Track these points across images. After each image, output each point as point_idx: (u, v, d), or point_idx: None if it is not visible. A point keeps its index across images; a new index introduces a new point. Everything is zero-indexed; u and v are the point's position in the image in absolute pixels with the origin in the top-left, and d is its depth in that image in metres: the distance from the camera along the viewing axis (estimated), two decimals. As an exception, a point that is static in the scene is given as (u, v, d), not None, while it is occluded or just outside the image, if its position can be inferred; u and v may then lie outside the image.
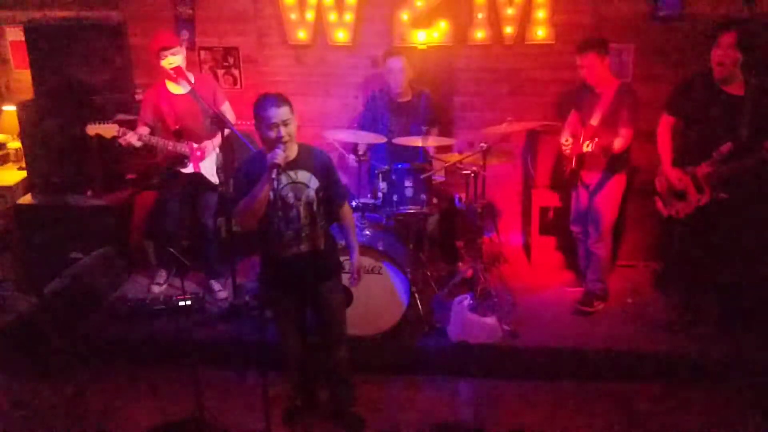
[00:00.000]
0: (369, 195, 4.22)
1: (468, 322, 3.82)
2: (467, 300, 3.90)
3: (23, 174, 4.97)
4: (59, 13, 4.99)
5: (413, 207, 4.06)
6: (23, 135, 4.84)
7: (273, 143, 2.87)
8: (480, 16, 4.72)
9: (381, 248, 3.79)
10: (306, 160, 3.00)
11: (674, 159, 3.82)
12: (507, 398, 3.65)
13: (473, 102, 5.02)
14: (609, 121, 3.90)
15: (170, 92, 4.21)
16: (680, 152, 3.82)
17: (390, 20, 4.80)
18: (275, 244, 3.02)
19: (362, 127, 4.51)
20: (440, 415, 3.49)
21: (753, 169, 3.52)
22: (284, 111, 2.86)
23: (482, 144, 3.97)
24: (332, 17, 4.82)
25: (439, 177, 4.34)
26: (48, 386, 3.79)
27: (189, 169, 4.26)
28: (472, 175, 4.15)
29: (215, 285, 4.49)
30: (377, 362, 3.81)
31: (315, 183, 2.99)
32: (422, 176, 4.05)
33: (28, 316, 4.09)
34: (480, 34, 4.76)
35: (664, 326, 3.97)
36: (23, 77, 5.07)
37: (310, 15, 4.84)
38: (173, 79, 4.18)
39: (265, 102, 2.87)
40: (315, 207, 3.00)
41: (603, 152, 3.82)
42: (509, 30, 4.73)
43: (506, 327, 3.90)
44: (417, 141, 4.14)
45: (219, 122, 3.96)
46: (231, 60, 5.08)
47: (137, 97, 4.77)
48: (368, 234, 3.97)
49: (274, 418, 3.14)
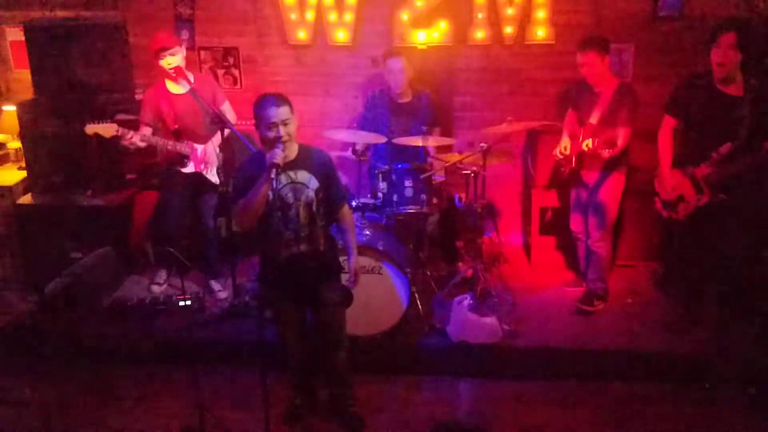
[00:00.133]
0: (369, 195, 4.22)
1: (468, 322, 3.82)
2: (467, 300, 3.90)
3: (23, 174, 4.96)
4: (59, 13, 4.99)
5: (413, 207, 4.05)
6: (23, 135, 4.83)
7: (272, 143, 2.87)
8: (480, 16, 4.73)
9: (381, 248, 3.79)
10: (306, 161, 3.00)
11: (674, 159, 3.82)
12: (507, 398, 3.65)
13: (473, 102, 5.03)
14: (608, 120, 3.90)
15: (170, 92, 4.21)
16: (680, 153, 3.81)
17: (390, 20, 4.80)
18: (275, 245, 3.02)
19: (362, 128, 4.50)
20: (440, 415, 3.49)
21: (752, 170, 3.52)
22: (284, 111, 2.86)
23: (482, 144, 3.97)
24: (332, 17, 4.83)
25: (439, 177, 4.33)
26: (48, 386, 3.79)
27: (189, 169, 4.27)
28: (472, 175, 4.15)
29: (215, 285, 4.49)
30: (377, 362, 3.81)
31: (314, 183, 2.99)
32: (422, 176, 4.04)
33: (28, 316, 4.09)
34: (480, 34, 4.76)
35: (664, 326, 3.97)
36: (23, 77, 5.06)
37: (310, 15, 4.84)
38: (173, 79, 4.18)
39: (265, 101, 2.87)
40: (314, 207, 3.00)
41: (607, 146, 3.79)
42: (509, 30, 4.73)
43: (506, 327, 3.90)
44: (417, 141, 4.14)
45: (219, 122, 3.96)
46: (231, 60, 5.09)
47: (137, 97, 4.76)
48: (368, 234, 3.96)
49: (274, 418, 3.13)
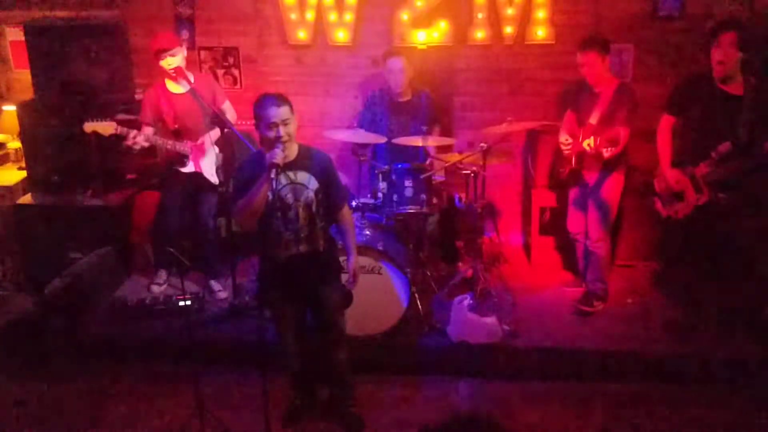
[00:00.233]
0: (369, 195, 4.22)
1: (468, 322, 3.82)
2: (467, 300, 3.90)
3: (23, 174, 4.96)
4: (59, 13, 4.99)
5: (413, 207, 4.05)
6: (23, 135, 4.83)
7: (272, 143, 2.87)
8: (480, 16, 4.72)
9: (381, 248, 3.78)
10: (305, 161, 3.00)
11: (673, 159, 3.82)
12: (507, 398, 3.65)
13: (473, 102, 5.02)
14: (607, 120, 3.90)
15: (170, 91, 4.21)
16: (679, 152, 3.82)
17: (390, 20, 4.80)
18: (274, 245, 3.02)
19: (362, 127, 4.50)
20: (440, 415, 3.48)
21: (752, 170, 3.52)
22: (284, 110, 2.86)
23: (482, 144, 3.97)
24: (332, 17, 4.82)
25: (439, 177, 4.33)
26: (48, 386, 3.79)
27: (188, 169, 4.27)
28: (472, 175, 4.14)
29: (215, 285, 4.49)
30: (377, 362, 3.81)
31: (314, 184, 2.99)
32: (422, 176, 4.04)
33: (28, 316, 4.09)
34: (480, 34, 4.76)
35: (664, 326, 3.97)
36: (23, 77, 5.06)
37: (310, 15, 4.84)
38: (173, 79, 4.18)
39: (265, 101, 2.88)
40: (314, 208, 3.00)
41: (610, 144, 3.78)
42: (509, 30, 4.73)
43: (506, 327, 3.90)
44: (417, 141, 4.14)
45: (219, 122, 3.96)
46: (231, 60, 5.08)
47: (137, 97, 4.76)
48: (368, 234, 3.96)
49: (274, 418, 3.13)
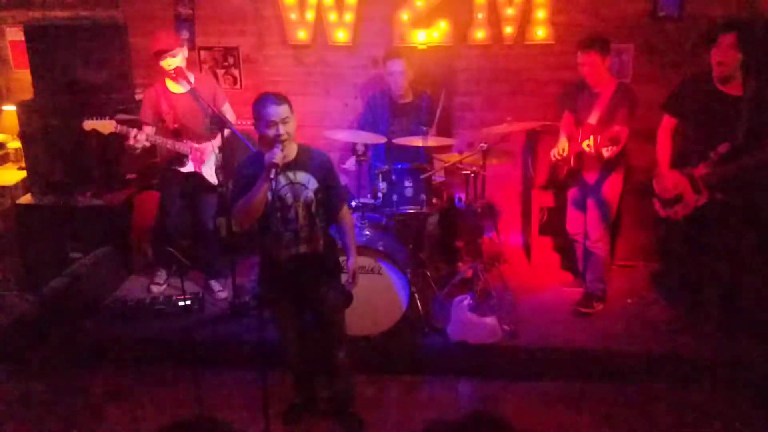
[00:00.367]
0: (369, 195, 4.21)
1: (468, 322, 3.82)
2: (467, 300, 3.90)
3: (23, 174, 4.97)
4: (59, 13, 5.00)
5: (413, 207, 4.05)
6: (23, 135, 4.84)
7: (271, 142, 2.86)
8: (480, 16, 4.72)
9: (381, 248, 3.78)
10: (305, 161, 2.99)
11: (672, 159, 3.82)
12: (507, 398, 3.65)
13: (473, 102, 5.03)
14: (607, 121, 3.89)
15: (170, 91, 4.21)
16: (678, 153, 3.81)
17: (390, 20, 4.80)
18: (274, 245, 3.01)
19: (362, 128, 4.50)
20: (440, 415, 3.48)
21: (750, 170, 3.52)
22: (283, 109, 2.86)
23: (482, 144, 3.97)
24: (332, 17, 4.83)
25: (439, 177, 4.33)
26: (48, 386, 3.79)
27: (187, 169, 4.26)
28: (472, 175, 4.14)
29: (215, 285, 4.49)
30: (377, 362, 3.81)
31: (313, 184, 2.98)
32: (422, 176, 4.04)
33: (28, 316, 4.09)
34: (480, 34, 4.76)
35: (664, 326, 3.97)
36: (23, 77, 5.07)
37: (310, 15, 4.84)
38: (173, 79, 4.17)
39: (265, 100, 2.87)
40: (313, 208, 3.00)
41: (611, 143, 3.77)
42: (509, 30, 4.73)
43: (506, 327, 3.90)
44: (417, 141, 4.14)
45: (219, 122, 3.96)
46: (231, 60, 5.09)
47: (137, 97, 4.77)
48: (368, 234, 3.96)
49: (274, 418, 3.13)
